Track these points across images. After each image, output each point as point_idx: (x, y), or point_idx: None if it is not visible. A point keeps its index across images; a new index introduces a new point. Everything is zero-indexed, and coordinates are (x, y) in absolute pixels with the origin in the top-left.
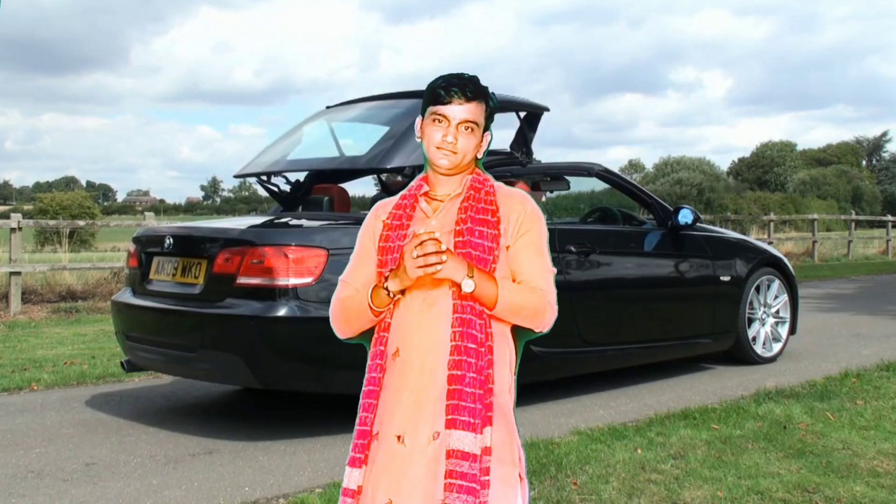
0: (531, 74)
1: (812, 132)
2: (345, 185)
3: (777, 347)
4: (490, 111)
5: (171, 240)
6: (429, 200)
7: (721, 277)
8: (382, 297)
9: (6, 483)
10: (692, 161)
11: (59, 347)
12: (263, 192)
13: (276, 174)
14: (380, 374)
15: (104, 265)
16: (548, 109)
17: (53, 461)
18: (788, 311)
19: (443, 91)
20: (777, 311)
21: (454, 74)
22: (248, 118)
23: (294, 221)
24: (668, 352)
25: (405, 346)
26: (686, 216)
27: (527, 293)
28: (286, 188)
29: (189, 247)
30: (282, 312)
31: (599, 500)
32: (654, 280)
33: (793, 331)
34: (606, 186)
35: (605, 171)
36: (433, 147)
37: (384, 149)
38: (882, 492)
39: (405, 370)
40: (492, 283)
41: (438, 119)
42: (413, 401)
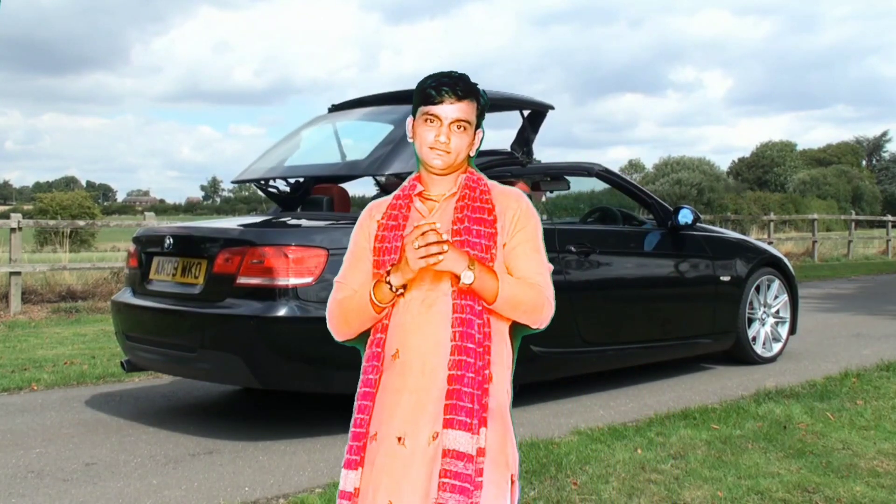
0: (531, 74)
1: (812, 132)
2: (345, 185)
3: (777, 347)
4: (481, 109)
5: (171, 240)
6: (423, 200)
7: (721, 277)
8: (385, 292)
9: (6, 483)
10: (692, 161)
11: (59, 347)
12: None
13: (274, 180)
14: (376, 376)
15: (104, 265)
16: (552, 108)
17: (53, 461)
18: (788, 311)
19: (433, 91)
20: (777, 311)
21: (443, 73)
22: (249, 118)
23: (294, 221)
24: (668, 352)
25: (405, 348)
26: (686, 216)
27: (526, 288)
28: (286, 189)
29: (189, 247)
30: (282, 312)
31: (599, 500)
32: (654, 280)
33: (793, 331)
34: (606, 186)
35: (605, 171)
36: (426, 147)
37: (382, 154)
38: (882, 492)
39: (405, 371)
40: (492, 277)
41: (430, 119)
42: (414, 402)
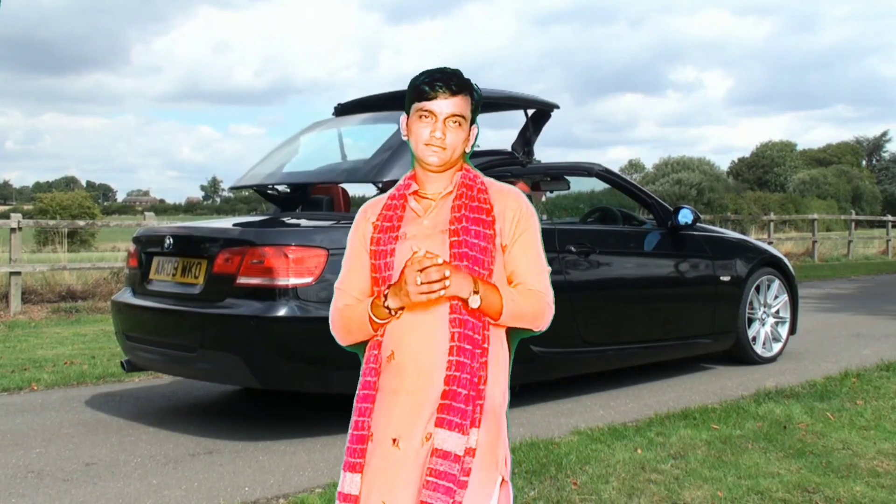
0: (531, 74)
1: (812, 132)
2: (345, 185)
3: (777, 347)
4: (475, 104)
5: (171, 240)
6: (419, 199)
7: (721, 277)
8: (383, 312)
9: (6, 483)
10: (692, 161)
11: (59, 347)
12: None
13: (272, 187)
14: (374, 378)
15: (104, 265)
16: (557, 107)
17: (53, 461)
18: (788, 311)
19: (427, 87)
20: (777, 311)
21: (437, 69)
22: (249, 118)
23: (294, 221)
24: (668, 352)
25: (400, 349)
26: (686, 216)
27: (528, 299)
28: (285, 190)
29: (189, 247)
30: (282, 312)
31: (599, 500)
32: (654, 280)
33: (793, 331)
34: (606, 186)
35: (605, 171)
36: (421, 144)
37: (381, 160)
38: (882, 492)
39: (401, 373)
40: (496, 295)
41: (425, 115)
42: (411, 403)
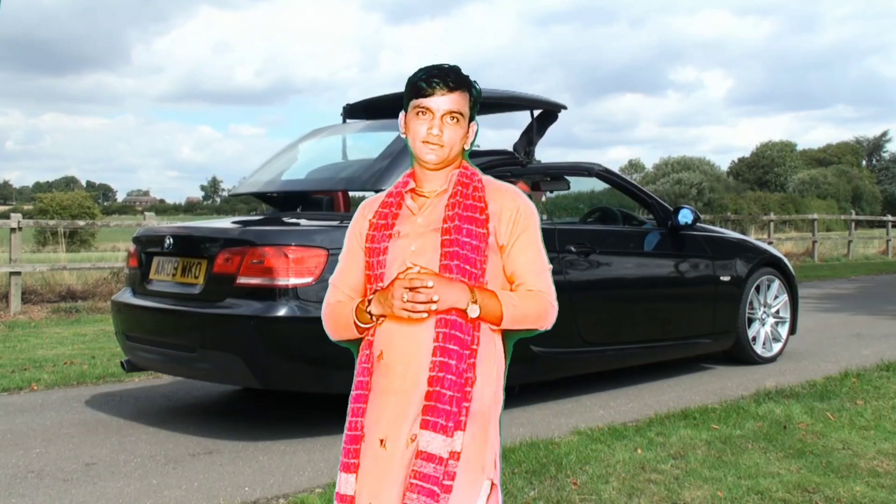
0: (531, 74)
1: (812, 132)
2: None
3: (777, 347)
4: (474, 101)
5: (171, 240)
6: (415, 197)
7: (721, 277)
8: (367, 317)
9: (6, 483)
10: (692, 161)
11: (59, 347)
12: None
13: (271, 194)
14: (367, 378)
15: (104, 265)
16: (565, 107)
17: (53, 461)
18: (788, 311)
19: (424, 83)
20: (777, 311)
21: (434, 65)
22: (249, 118)
23: (294, 221)
24: (668, 352)
25: (389, 349)
26: (686, 216)
27: (529, 300)
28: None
29: (189, 247)
30: (282, 312)
31: (599, 500)
32: (654, 280)
33: (793, 331)
34: (606, 186)
35: (605, 171)
36: (419, 142)
37: (380, 168)
38: (882, 492)
39: (389, 373)
40: (495, 301)
41: (422, 111)
42: (398, 404)
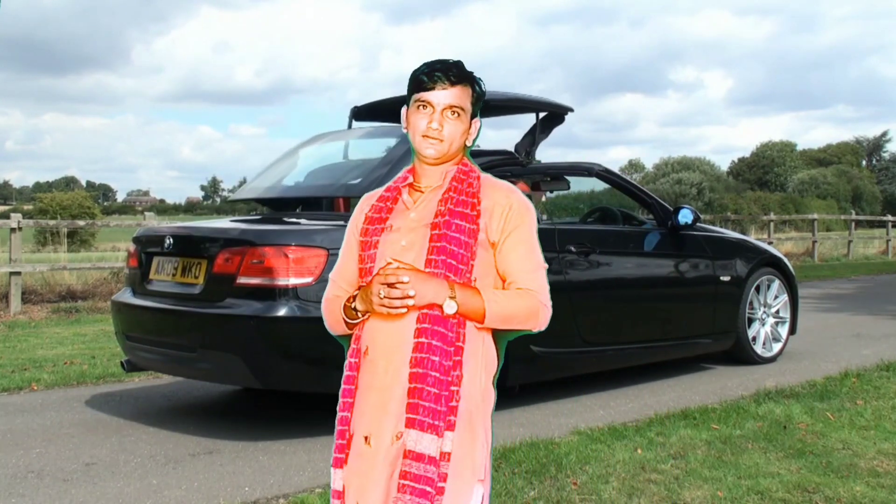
0: (532, 74)
1: (812, 132)
2: None
3: (777, 347)
4: (476, 96)
5: (171, 240)
6: (412, 192)
7: (721, 277)
8: (353, 313)
9: (6, 483)
10: (692, 161)
11: (59, 347)
12: None
13: (271, 201)
14: (354, 373)
15: (104, 265)
16: (571, 110)
17: (53, 461)
18: (788, 311)
19: (426, 77)
20: (777, 311)
21: (437, 60)
22: (249, 118)
23: (294, 221)
24: (668, 352)
25: (373, 345)
26: (686, 216)
27: (516, 299)
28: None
29: (189, 247)
30: (282, 312)
31: (599, 500)
32: (654, 280)
33: (793, 331)
34: (606, 186)
35: (605, 171)
36: (419, 136)
37: (379, 176)
38: (882, 492)
39: (373, 369)
40: (477, 298)
41: (423, 105)
42: (379, 400)
